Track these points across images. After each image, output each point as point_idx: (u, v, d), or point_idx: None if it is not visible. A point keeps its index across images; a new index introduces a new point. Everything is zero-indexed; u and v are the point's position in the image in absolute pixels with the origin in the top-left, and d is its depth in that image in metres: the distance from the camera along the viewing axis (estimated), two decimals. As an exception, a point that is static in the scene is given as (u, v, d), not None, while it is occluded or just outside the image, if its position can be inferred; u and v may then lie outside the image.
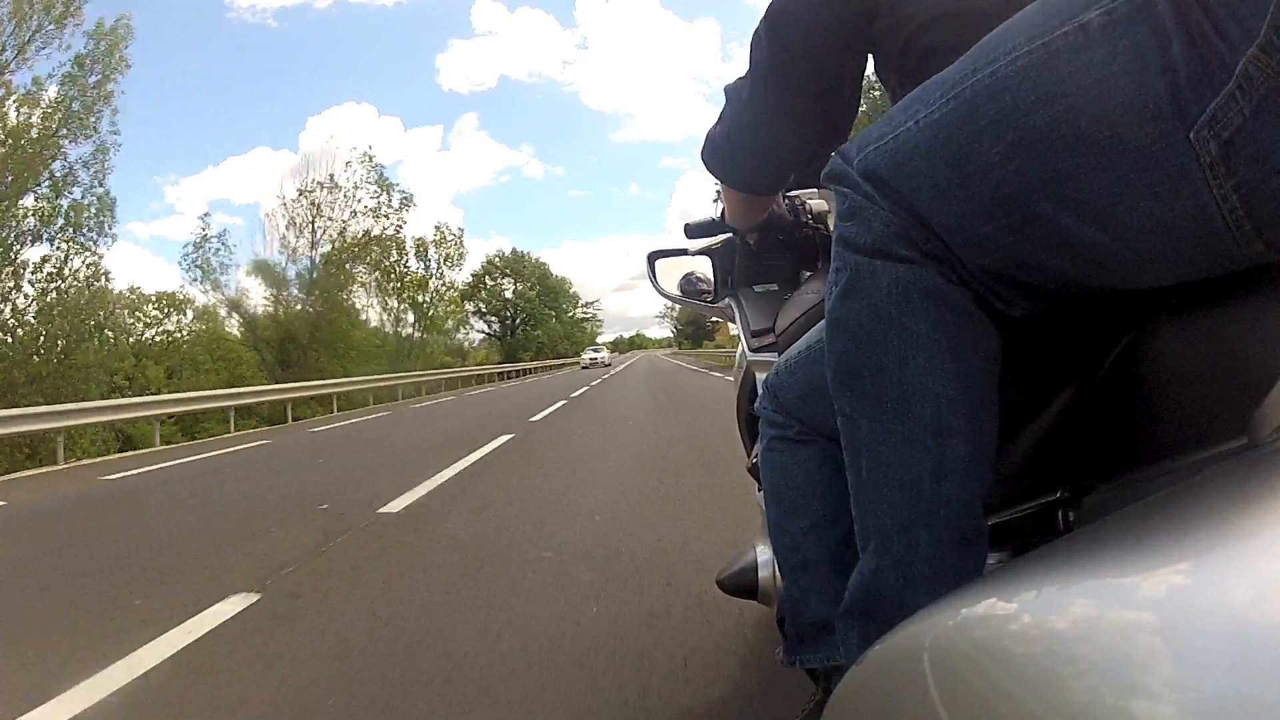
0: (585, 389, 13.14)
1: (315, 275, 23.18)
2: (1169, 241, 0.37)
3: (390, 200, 26.98)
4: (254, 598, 1.97)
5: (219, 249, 21.21)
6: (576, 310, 65.01)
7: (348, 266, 24.58)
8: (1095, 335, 0.48)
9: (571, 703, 1.27)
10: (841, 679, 0.40)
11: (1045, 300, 0.46)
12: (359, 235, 25.64)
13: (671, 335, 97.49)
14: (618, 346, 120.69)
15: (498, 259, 56.94)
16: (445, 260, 34.06)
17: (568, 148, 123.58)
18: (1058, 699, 0.21)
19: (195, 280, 20.91)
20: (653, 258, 1.32)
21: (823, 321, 0.51)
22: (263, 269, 22.39)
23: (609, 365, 36.56)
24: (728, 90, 0.67)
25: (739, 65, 0.68)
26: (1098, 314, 0.47)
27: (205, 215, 31.11)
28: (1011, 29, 0.40)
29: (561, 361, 46.99)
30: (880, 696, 0.35)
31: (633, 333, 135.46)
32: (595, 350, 42.17)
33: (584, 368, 35.20)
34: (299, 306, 22.11)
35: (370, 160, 26.08)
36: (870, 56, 0.62)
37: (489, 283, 54.65)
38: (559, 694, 1.30)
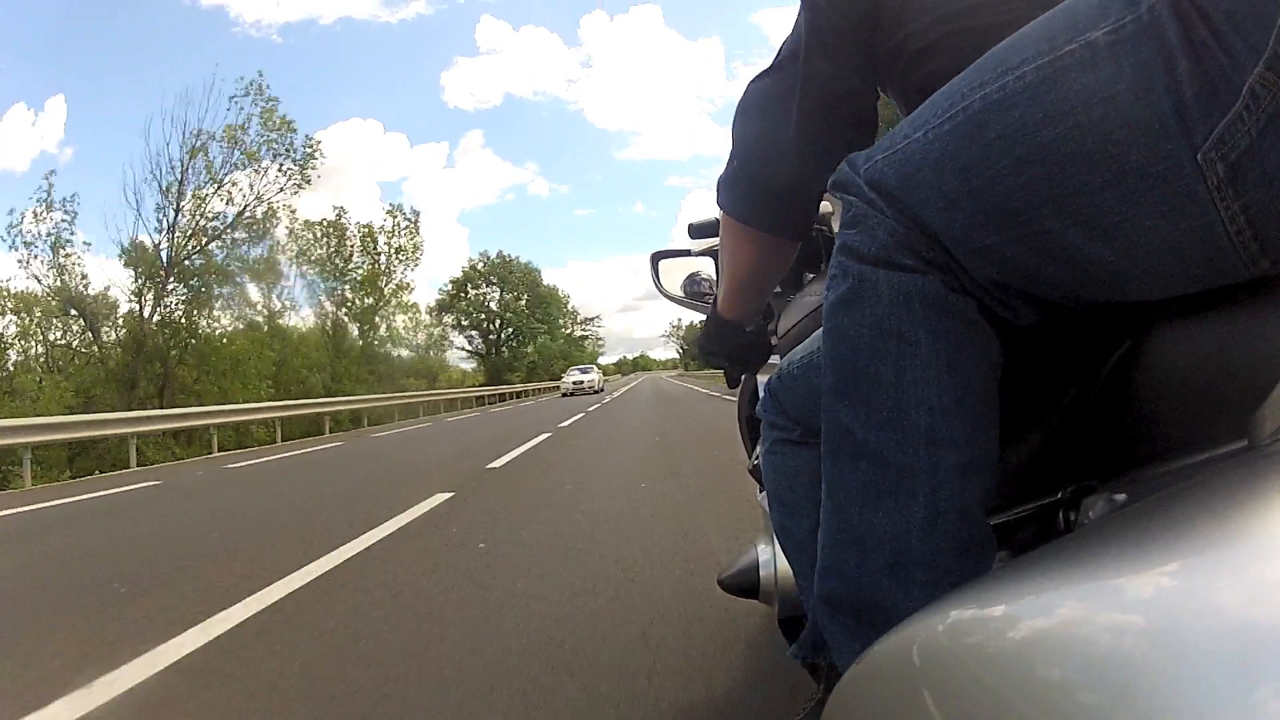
0: (540, 440, 7.15)
1: (170, 260, 15.98)
2: (1175, 259, 0.38)
3: (287, 147, 18.17)
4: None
5: (63, 223, 15.01)
6: (575, 327, 57.41)
7: (241, 248, 17.77)
8: (1097, 338, 0.49)
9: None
10: (841, 679, 0.40)
11: (1050, 309, 0.46)
12: (247, 203, 17.55)
13: (677, 356, 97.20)
14: (620, 368, 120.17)
15: (481, 264, 48.56)
16: (397, 253, 27.18)
17: (573, 166, 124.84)
18: (1056, 700, 0.21)
19: (24, 264, 15.04)
20: (656, 258, 1.33)
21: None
22: (141, 254, 15.63)
23: (600, 391, 28.00)
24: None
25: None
26: (1099, 317, 0.48)
27: (51, 174, 19.08)
28: (1018, 43, 0.40)
29: (555, 384, 37.58)
30: (880, 696, 0.35)
31: (637, 354, 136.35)
32: (583, 371, 31.53)
33: (566, 395, 26.49)
34: (157, 307, 15.59)
35: (261, 91, 17.78)
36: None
37: (470, 292, 46.75)
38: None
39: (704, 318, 0.90)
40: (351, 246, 25.96)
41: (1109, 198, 0.37)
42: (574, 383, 28.67)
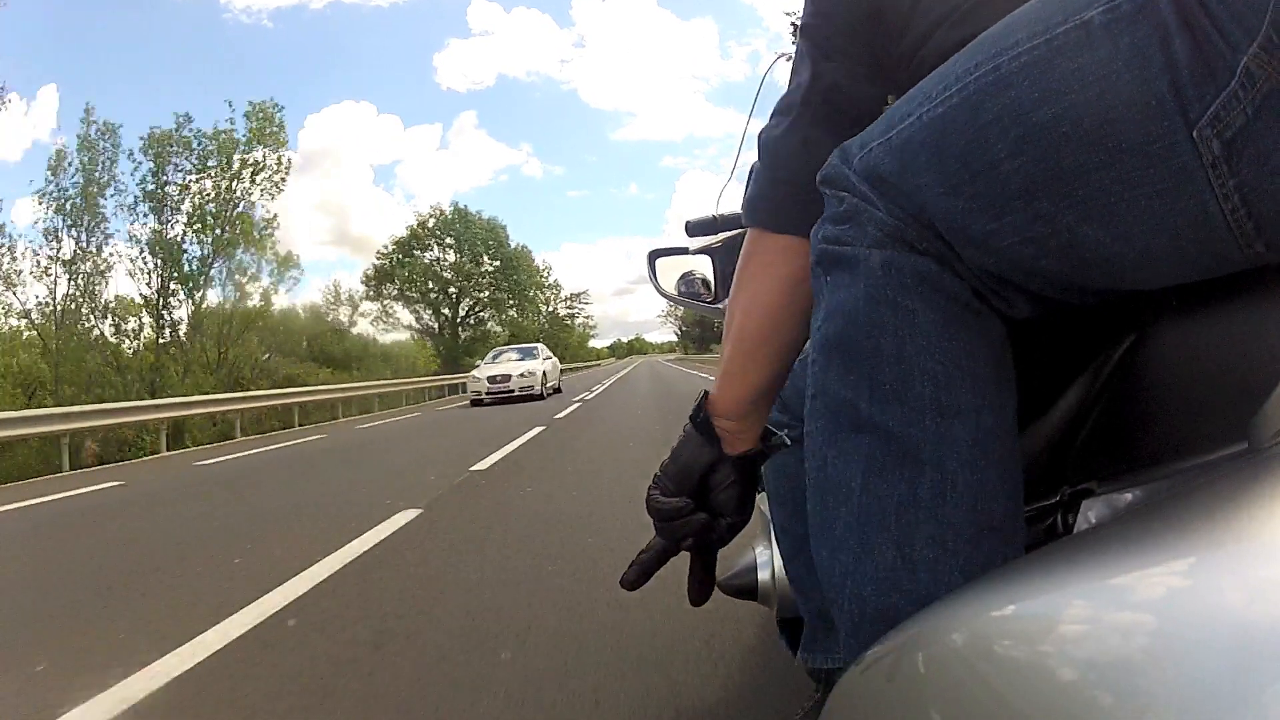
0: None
1: None
2: (1170, 241, 0.38)
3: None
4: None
5: None
6: (559, 303, 47.35)
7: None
8: (1096, 337, 0.49)
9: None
10: (841, 678, 0.40)
11: (1045, 304, 0.46)
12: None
13: (676, 338, 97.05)
14: (615, 351, 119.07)
15: (431, 221, 37.25)
16: (254, 175, 17.39)
17: (567, 147, 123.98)
18: (1056, 702, 0.21)
19: None
20: (653, 256, 1.33)
21: None
22: None
23: (551, 393, 14.62)
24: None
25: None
26: (1099, 316, 0.47)
27: None
28: (1013, 24, 0.40)
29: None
30: (879, 697, 0.35)
31: (632, 336, 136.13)
32: (522, 354, 15.99)
33: (478, 402, 13.88)
34: None
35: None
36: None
37: (420, 255, 36.21)
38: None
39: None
40: (193, 172, 16.89)
41: (1105, 177, 0.37)
42: (490, 380, 13.82)
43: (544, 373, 14.28)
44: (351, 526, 3.04)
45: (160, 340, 15.50)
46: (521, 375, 13.82)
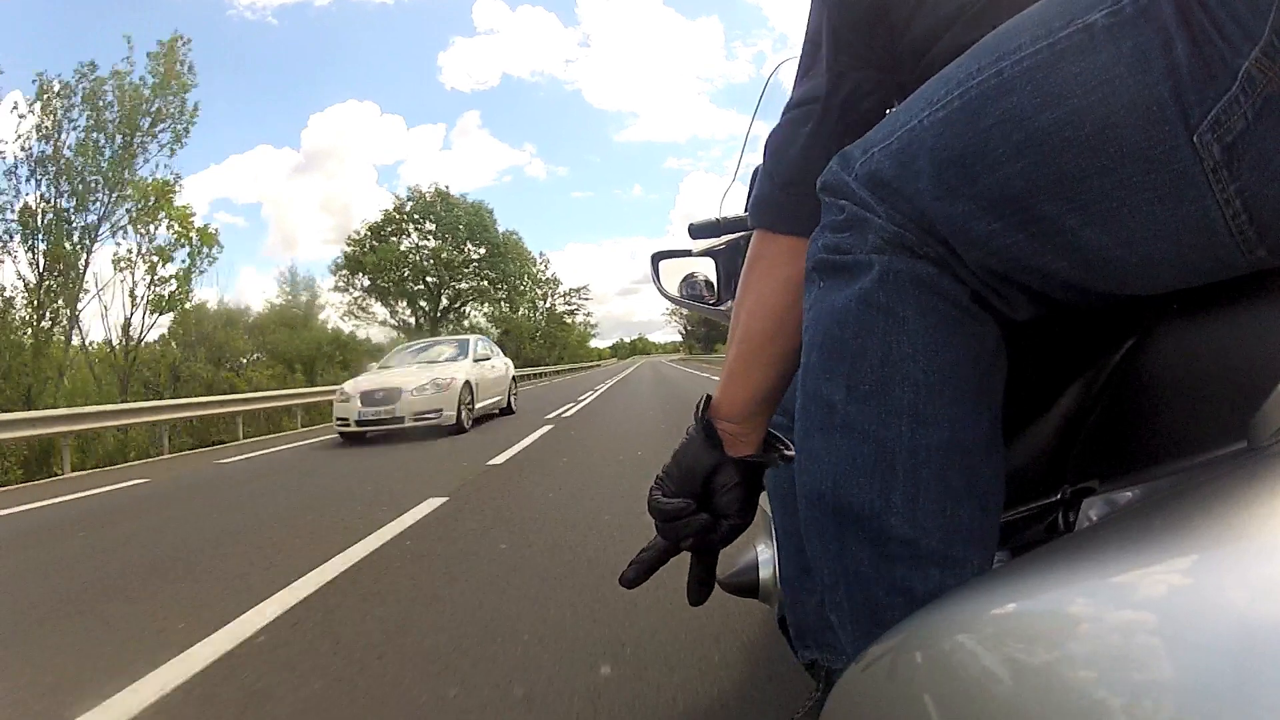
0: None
1: None
2: (1172, 246, 0.37)
3: None
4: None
5: None
6: (556, 298, 42.80)
7: None
8: (1098, 337, 0.49)
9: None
10: (841, 677, 0.40)
11: (1047, 304, 0.46)
12: None
13: (680, 338, 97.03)
14: (617, 352, 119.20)
15: (409, 204, 32.74)
16: (153, 126, 13.23)
17: (571, 147, 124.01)
18: (1056, 699, 0.22)
19: None
20: (656, 258, 1.33)
21: None
22: None
23: (474, 419, 7.52)
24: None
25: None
26: (1101, 316, 0.48)
27: None
28: (1015, 28, 0.40)
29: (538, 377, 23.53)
30: (879, 695, 0.35)
31: (635, 336, 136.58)
32: (456, 353, 8.21)
33: (350, 435, 7.04)
34: None
35: None
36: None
37: (393, 242, 31.92)
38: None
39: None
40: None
41: (1106, 182, 0.37)
42: (365, 399, 7.05)
43: (467, 385, 7.63)
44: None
45: (39, 338, 11.83)
46: (417, 391, 7.19)
